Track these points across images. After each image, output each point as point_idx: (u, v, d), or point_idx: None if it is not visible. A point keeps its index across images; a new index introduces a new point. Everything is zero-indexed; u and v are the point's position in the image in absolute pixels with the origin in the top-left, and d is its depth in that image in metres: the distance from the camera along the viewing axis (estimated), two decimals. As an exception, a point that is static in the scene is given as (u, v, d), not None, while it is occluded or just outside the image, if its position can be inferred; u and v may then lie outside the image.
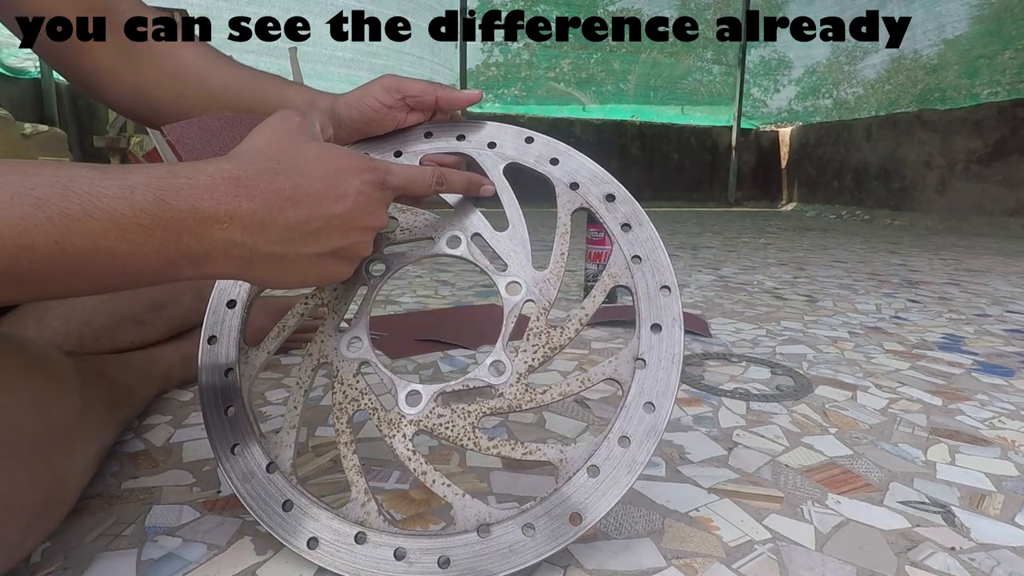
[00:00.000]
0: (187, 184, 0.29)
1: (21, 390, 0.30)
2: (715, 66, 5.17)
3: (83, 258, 0.26)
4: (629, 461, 0.36)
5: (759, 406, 0.66)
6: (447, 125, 0.48)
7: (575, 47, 4.89)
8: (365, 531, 0.36)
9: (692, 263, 1.81)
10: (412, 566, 0.35)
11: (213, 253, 0.30)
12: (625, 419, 0.38)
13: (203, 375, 0.42)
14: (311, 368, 0.42)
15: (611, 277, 0.41)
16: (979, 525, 0.44)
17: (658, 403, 0.38)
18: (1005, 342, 0.97)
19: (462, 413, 0.39)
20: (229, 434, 0.40)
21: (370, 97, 0.47)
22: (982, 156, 3.46)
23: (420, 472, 0.38)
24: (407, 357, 0.81)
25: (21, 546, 0.31)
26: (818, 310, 1.18)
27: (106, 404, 0.47)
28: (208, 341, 0.43)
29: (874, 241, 2.65)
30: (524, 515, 0.36)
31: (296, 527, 0.37)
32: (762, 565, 0.39)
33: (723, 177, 5.12)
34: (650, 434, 0.37)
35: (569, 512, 0.35)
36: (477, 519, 0.36)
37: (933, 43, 4.08)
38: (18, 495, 0.29)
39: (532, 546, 0.35)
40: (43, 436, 0.32)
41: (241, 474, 0.39)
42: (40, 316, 0.55)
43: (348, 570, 0.35)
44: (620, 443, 0.37)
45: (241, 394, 0.41)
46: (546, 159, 0.45)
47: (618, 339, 0.92)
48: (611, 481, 0.36)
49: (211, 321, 0.43)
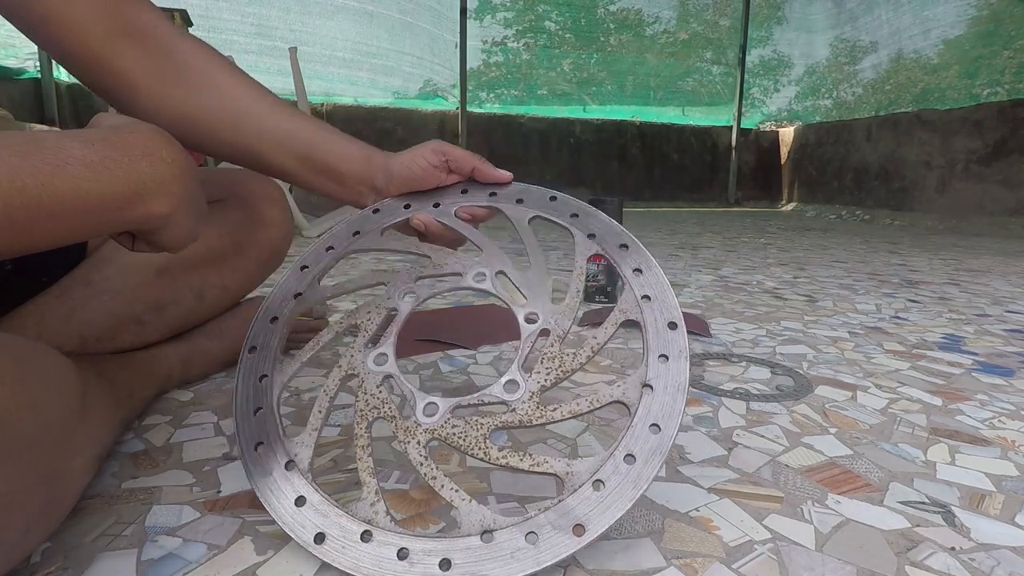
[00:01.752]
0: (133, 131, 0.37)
1: (19, 390, 0.30)
2: (715, 66, 5.17)
3: (64, 199, 0.32)
4: (635, 477, 0.38)
5: (759, 406, 0.66)
6: (481, 185, 0.56)
7: (575, 47, 4.89)
8: (371, 529, 0.37)
9: (692, 263, 1.81)
10: (413, 566, 0.35)
11: (161, 183, 0.37)
12: (631, 438, 0.39)
13: (239, 380, 0.46)
14: (339, 378, 0.45)
15: (622, 312, 0.45)
16: (979, 525, 0.44)
17: (664, 425, 0.39)
18: (1005, 342, 0.97)
19: (475, 425, 0.41)
20: (256, 433, 0.43)
21: (420, 158, 0.54)
22: (982, 156, 3.46)
23: (430, 476, 0.40)
24: (407, 357, 0.81)
25: (21, 546, 0.31)
26: (818, 310, 1.18)
27: (106, 404, 0.47)
28: (249, 351, 0.47)
29: (874, 241, 2.65)
30: (528, 523, 0.37)
31: (305, 522, 0.38)
32: (762, 565, 0.39)
33: (723, 177, 5.12)
34: (655, 453, 0.38)
35: (573, 523, 0.36)
36: (481, 524, 0.37)
37: (933, 43, 4.08)
38: (17, 495, 0.29)
39: (534, 554, 0.35)
40: (42, 436, 0.32)
41: (261, 470, 0.41)
42: (41, 316, 0.55)
43: (350, 566, 0.36)
44: (626, 460, 0.38)
45: (271, 398, 0.44)
46: (567, 214, 0.52)
47: (618, 339, 0.92)
48: (616, 495, 0.37)
49: (255, 332, 0.48)
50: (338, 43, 4.01)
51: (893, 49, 4.39)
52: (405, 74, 4.26)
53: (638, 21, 5.15)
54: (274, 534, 0.41)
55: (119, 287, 0.59)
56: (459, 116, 4.26)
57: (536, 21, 4.92)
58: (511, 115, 4.48)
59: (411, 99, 4.29)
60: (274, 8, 3.80)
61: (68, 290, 0.57)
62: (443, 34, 4.27)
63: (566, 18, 4.92)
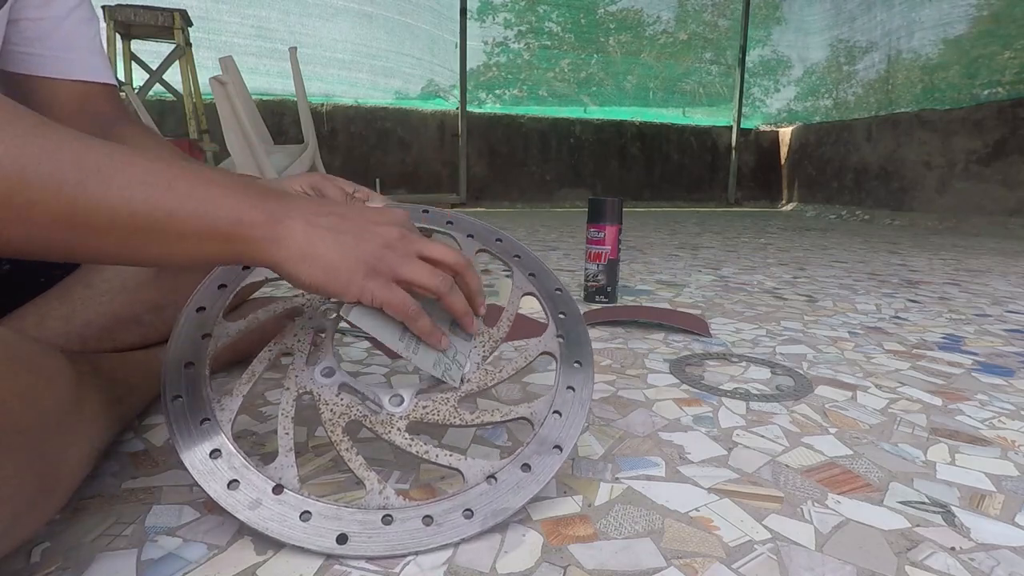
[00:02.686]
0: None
1: (7, 376, 0.30)
2: (714, 66, 5.17)
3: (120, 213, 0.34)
4: (581, 400, 0.48)
5: (759, 406, 0.66)
6: (440, 211, 0.60)
7: (575, 47, 4.89)
8: (390, 512, 0.40)
9: (692, 263, 1.81)
10: (441, 527, 0.39)
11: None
12: (564, 374, 0.50)
13: (175, 431, 0.42)
14: (292, 399, 0.45)
15: (541, 342, 0.53)
16: (979, 525, 0.44)
17: (584, 362, 0.51)
18: (1005, 342, 0.97)
19: (441, 401, 0.46)
20: (223, 474, 0.40)
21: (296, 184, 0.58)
22: (982, 156, 3.46)
23: (423, 453, 0.43)
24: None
25: (10, 535, 0.31)
26: (818, 310, 1.18)
27: (103, 399, 0.47)
28: (172, 400, 0.43)
29: (874, 241, 2.65)
30: (519, 457, 0.44)
31: (321, 530, 0.38)
32: (762, 565, 0.39)
33: (723, 177, 5.12)
34: (587, 382, 0.50)
35: (552, 445, 0.45)
36: (483, 472, 0.42)
37: (933, 43, 4.08)
38: (5, 481, 0.29)
39: (534, 478, 0.43)
40: (32, 425, 0.32)
41: (248, 503, 0.39)
42: (41, 317, 0.55)
43: (383, 550, 0.38)
44: (568, 390, 0.49)
45: (225, 437, 0.42)
46: (511, 254, 0.58)
47: (618, 339, 0.92)
48: (572, 417, 0.47)
49: (171, 380, 0.44)
50: (338, 44, 4.01)
51: (892, 49, 4.39)
52: (405, 75, 4.26)
53: (638, 22, 5.14)
54: (274, 534, 0.41)
55: (119, 288, 0.59)
56: (459, 116, 4.26)
57: (536, 22, 4.92)
58: (511, 115, 4.48)
59: (411, 99, 4.29)
60: (274, 10, 3.80)
61: (68, 291, 0.57)
62: (443, 34, 4.27)
63: (566, 19, 4.92)
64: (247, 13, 3.72)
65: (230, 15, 3.66)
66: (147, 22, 2.66)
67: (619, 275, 1.20)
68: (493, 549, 0.40)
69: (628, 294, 1.30)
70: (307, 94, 2.30)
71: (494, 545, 0.40)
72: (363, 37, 4.08)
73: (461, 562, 0.38)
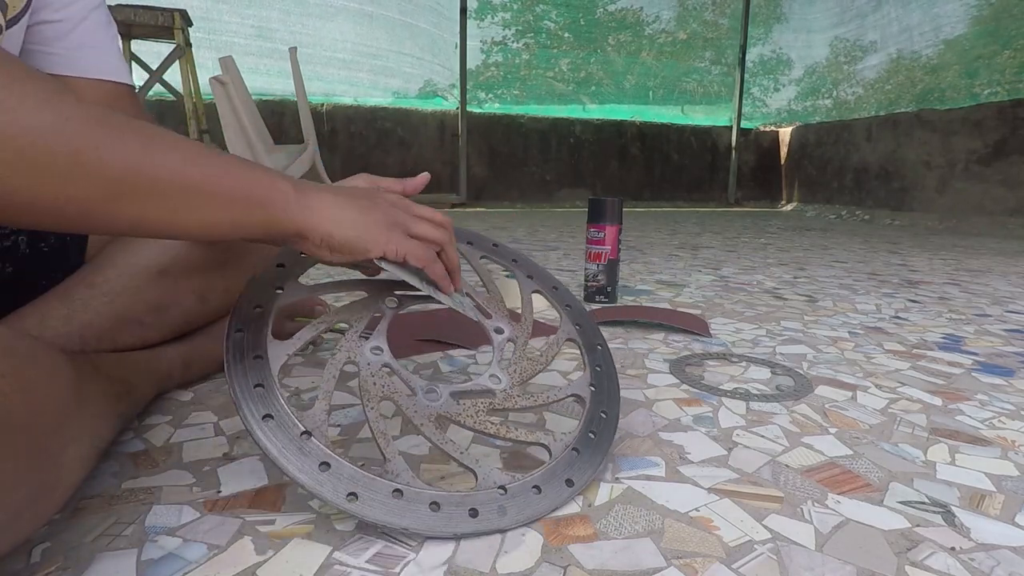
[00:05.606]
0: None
1: (7, 372, 0.30)
2: (714, 66, 5.17)
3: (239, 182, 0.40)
4: (601, 448, 0.50)
5: (759, 406, 0.66)
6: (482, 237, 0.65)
7: (574, 47, 4.89)
8: (401, 488, 0.41)
9: (692, 263, 1.81)
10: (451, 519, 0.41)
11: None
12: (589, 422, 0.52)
13: (230, 360, 0.45)
14: (340, 364, 0.48)
15: (564, 333, 0.58)
16: (979, 525, 0.44)
17: (610, 412, 0.53)
18: (1005, 342, 0.97)
19: (474, 406, 0.49)
20: (261, 406, 0.43)
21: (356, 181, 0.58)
22: (982, 156, 3.46)
23: (450, 447, 0.45)
24: (407, 357, 0.81)
25: (10, 530, 0.31)
26: (818, 310, 1.18)
27: (103, 397, 0.47)
28: (236, 332, 0.47)
29: (874, 241, 2.65)
30: (532, 478, 0.45)
31: (335, 485, 0.40)
32: (762, 565, 0.39)
33: (723, 177, 5.12)
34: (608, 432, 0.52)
35: (564, 478, 0.46)
36: (495, 483, 0.44)
37: (933, 43, 4.08)
38: (5, 476, 0.29)
39: (541, 499, 0.44)
40: (32, 421, 0.32)
41: (278, 438, 0.41)
42: (42, 318, 0.55)
43: (385, 520, 0.39)
44: (591, 433, 0.50)
45: (272, 376, 0.45)
46: (509, 258, 0.64)
47: (618, 339, 0.92)
48: (591, 458, 0.48)
49: (239, 315, 0.49)
50: (338, 44, 4.00)
51: (892, 49, 4.39)
52: (405, 74, 4.26)
53: (637, 21, 5.14)
54: (274, 534, 0.41)
55: (120, 289, 0.59)
56: (459, 116, 4.26)
57: (535, 21, 4.92)
58: (511, 115, 4.47)
59: (411, 99, 4.29)
60: (274, 10, 3.80)
61: (69, 292, 0.57)
62: (443, 34, 4.27)
63: (565, 18, 4.92)
64: (247, 13, 3.72)
65: (230, 15, 3.66)
66: (147, 22, 2.66)
67: (619, 275, 1.20)
68: (493, 549, 0.40)
69: (628, 294, 1.31)
70: (307, 93, 2.30)
71: (494, 545, 0.40)
72: (363, 37, 4.07)
73: (461, 562, 0.38)
